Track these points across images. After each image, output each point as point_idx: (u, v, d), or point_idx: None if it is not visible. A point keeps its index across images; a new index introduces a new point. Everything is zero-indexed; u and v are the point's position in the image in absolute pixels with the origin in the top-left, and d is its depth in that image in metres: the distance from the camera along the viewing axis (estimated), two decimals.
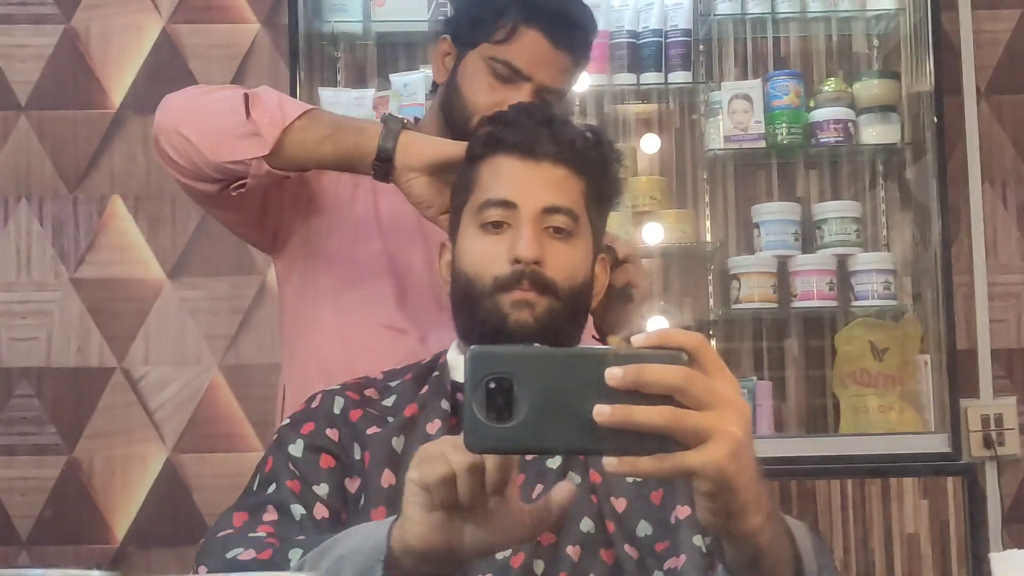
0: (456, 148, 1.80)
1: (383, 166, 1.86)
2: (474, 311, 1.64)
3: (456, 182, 1.76)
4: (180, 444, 3.74)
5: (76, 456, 3.73)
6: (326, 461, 1.57)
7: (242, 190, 1.93)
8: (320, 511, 1.52)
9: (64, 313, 3.78)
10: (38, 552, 3.65)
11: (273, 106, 1.90)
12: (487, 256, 1.64)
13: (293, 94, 3.53)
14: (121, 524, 3.72)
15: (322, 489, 1.54)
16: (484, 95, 2.05)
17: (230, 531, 1.49)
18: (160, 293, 3.77)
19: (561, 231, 1.64)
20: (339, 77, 3.82)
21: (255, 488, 1.58)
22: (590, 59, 2.20)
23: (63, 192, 3.81)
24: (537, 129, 1.66)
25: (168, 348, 3.77)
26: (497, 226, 1.65)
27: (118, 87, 3.84)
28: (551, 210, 1.64)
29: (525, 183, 1.64)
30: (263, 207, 2.05)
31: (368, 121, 1.90)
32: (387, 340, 2.06)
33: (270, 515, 1.52)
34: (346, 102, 3.57)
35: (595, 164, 1.70)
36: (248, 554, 1.40)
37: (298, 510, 1.52)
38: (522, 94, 2.03)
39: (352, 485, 1.56)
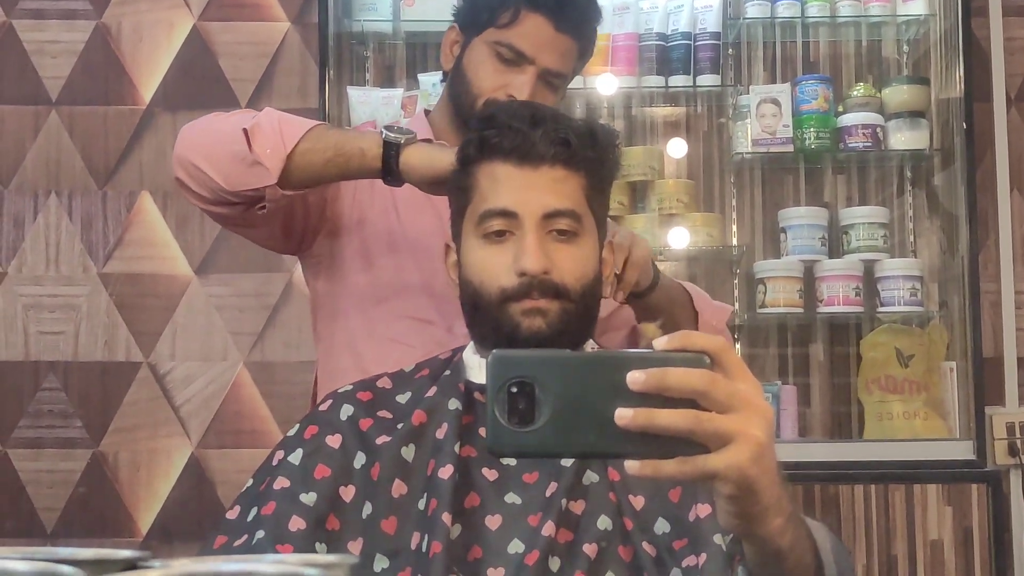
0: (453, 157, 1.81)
1: (392, 182, 1.90)
2: (485, 320, 1.64)
3: (452, 185, 1.74)
4: (205, 439, 3.76)
5: (102, 450, 3.75)
6: (320, 471, 1.57)
7: (264, 211, 1.96)
8: (296, 523, 1.52)
9: (92, 308, 3.80)
10: (63, 545, 3.66)
11: (273, 135, 1.90)
12: (492, 267, 1.63)
13: (322, 93, 3.55)
14: (145, 518, 3.73)
15: (309, 497, 1.55)
16: (489, 79, 2.09)
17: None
18: (187, 289, 3.79)
19: (565, 232, 1.63)
20: (368, 76, 3.83)
21: (243, 503, 1.60)
22: (594, 49, 2.28)
23: (92, 187, 3.83)
24: (530, 132, 1.63)
25: (194, 344, 3.78)
26: (500, 235, 1.63)
27: (148, 83, 3.86)
28: (553, 214, 1.62)
29: (524, 190, 1.62)
30: (287, 219, 2.07)
31: (368, 136, 1.91)
32: (415, 331, 2.08)
33: (240, 539, 1.54)
34: (375, 101, 3.58)
35: (592, 158, 1.68)
36: None
37: (259, 534, 1.52)
38: (526, 77, 2.07)
39: (347, 494, 1.56)
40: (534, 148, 1.62)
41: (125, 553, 0.79)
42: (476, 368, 1.68)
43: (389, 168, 1.86)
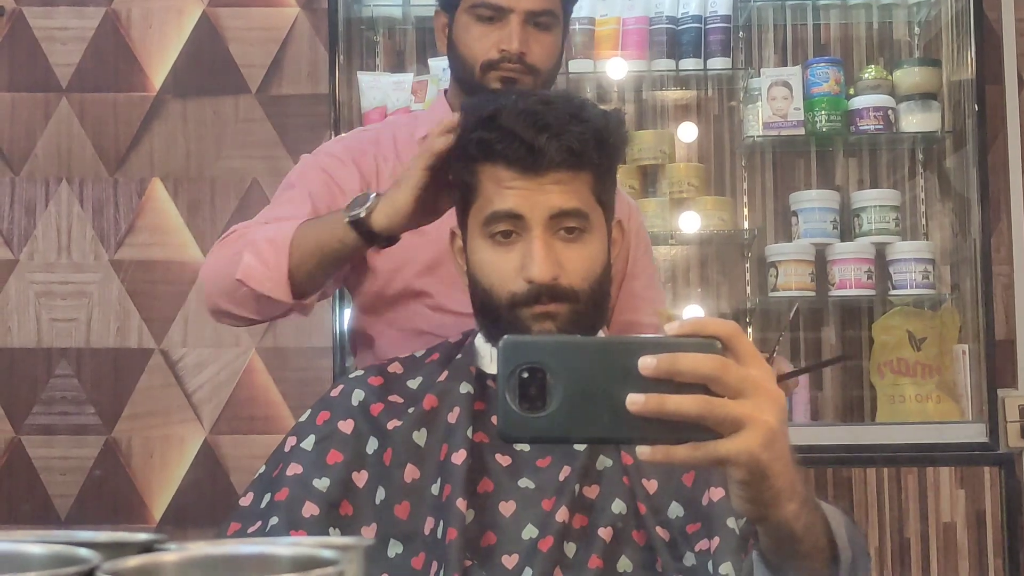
0: (408, 193, 1.76)
1: (386, 244, 1.85)
2: (496, 321, 1.62)
3: (455, 175, 1.70)
4: (217, 425, 3.77)
5: (115, 436, 3.76)
6: (333, 457, 1.57)
7: (308, 308, 2.00)
8: (309, 509, 1.53)
9: (104, 294, 3.81)
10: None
11: (264, 268, 1.91)
12: (500, 271, 1.61)
13: (332, 78, 3.55)
14: (159, 504, 3.75)
15: (322, 483, 1.55)
16: (477, 43, 2.09)
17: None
18: (199, 275, 3.79)
19: (573, 230, 1.60)
20: (378, 61, 3.83)
21: (257, 490, 1.60)
22: None
23: (103, 174, 3.83)
24: (535, 137, 1.57)
25: (206, 330, 3.79)
26: (506, 235, 1.60)
27: (159, 70, 3.86)
28: (560, 215, 1.59)
29: (529, 193, 1.59)
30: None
31: (336, 223, 1.85)
32: (452, 324, 2.06)
33: (254, 526, 1.55)
34: (385, 86, 3.58)
35: (599, 157, 1.63)
36: None
37: (273, 521, 1.53)
38: (511, 27, 2.07)
39: (360, 479, 1.56)
40: (539, 159, 1.58)
41: (142, 536, 0.80)
42: (487, 357, 1.67)
43: (372, 240, 1.82)
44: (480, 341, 1.70)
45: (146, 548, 0.79)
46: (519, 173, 1.59)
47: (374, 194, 1.82)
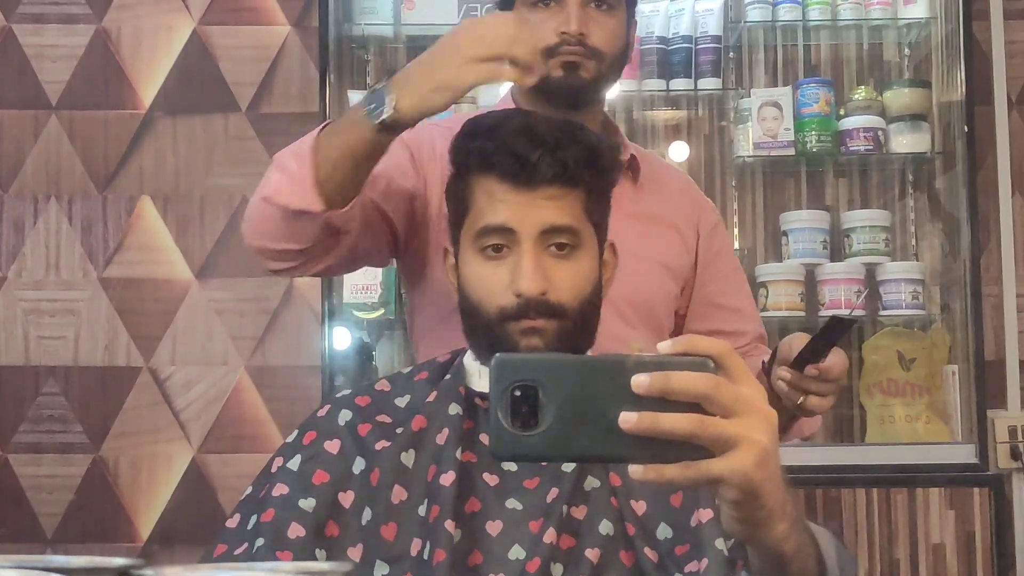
0: (448, 96, 1.69)
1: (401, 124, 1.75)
2: (484, 336, 1.63)
3: (449, 192, 1.72)
4: (205, 444, 3.75)
5: (102, 455, 3.75)
6: (319, 477, 1.57)
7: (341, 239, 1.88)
8: (295, 530, 1.52)
9: (92, 312, 3.80)
10: (63, 550, 3.66)
11: (288, 185, 1.80)
12: (490, 285, 1.62)
13: (323, 96, 3.55)
14: (146, 523, 3.73)
15: (308, 503, 1.54)
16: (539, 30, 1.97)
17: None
18: (187, 293, 3.78)
19: (564, 246, 1.62)
20: (369, 79, 3.83)
21: (243, 511, 1.59)
22: None
23: (92, 192, 3.83)
24: (530, 151, 1.59)
25: (195, 348, 3.78)
26: (497, 250, 1.62)
27: (149, 88, 3.86)
28: (550, 230, 1.61)
29: (521, 207, 1.61)
30: (376, 238, 2.00)
31: (357, 120, 1.76)
32: None
33: (240, 548, 1.54)
34: None
35: (592, 175, 1.65)
36: None
37: (259, 542, 1.52)
38: (568, 10, 2.00)
39: (346, 499, 1.56)
40: (532, 174, 1.60)
41: (118, 561, 0.79)
42: (476, 375, 1.67)
43: (389, 126, 1.73)
44: (469, 359, 1.70)
45: (123, 573, 0.78)
46: (512, 187, 1.61)
47: (389, 89, 1.71)
